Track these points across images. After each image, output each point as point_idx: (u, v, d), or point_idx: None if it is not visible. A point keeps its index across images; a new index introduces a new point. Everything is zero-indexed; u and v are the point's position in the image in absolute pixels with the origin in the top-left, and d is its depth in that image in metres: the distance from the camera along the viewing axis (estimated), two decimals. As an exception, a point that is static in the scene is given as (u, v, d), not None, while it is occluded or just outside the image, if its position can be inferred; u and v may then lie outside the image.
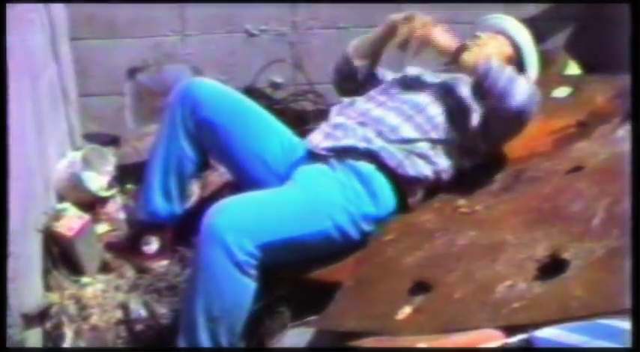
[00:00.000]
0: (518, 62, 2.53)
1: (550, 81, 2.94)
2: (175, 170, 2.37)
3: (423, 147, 2.27)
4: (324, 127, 2.36)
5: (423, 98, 2.36)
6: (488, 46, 2.47)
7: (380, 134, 2.26)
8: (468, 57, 2.33)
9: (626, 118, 2.34)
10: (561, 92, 2.80)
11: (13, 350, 1.97)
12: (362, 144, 2.22)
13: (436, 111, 2.33)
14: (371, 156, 2.20)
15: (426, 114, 2.32)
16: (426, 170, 2.25)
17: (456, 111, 2.34)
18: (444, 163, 2.30)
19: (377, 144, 2.22)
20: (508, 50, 2.53)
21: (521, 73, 2.46)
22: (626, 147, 2.06)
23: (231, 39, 3.20)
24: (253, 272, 1.97)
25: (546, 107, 2.74)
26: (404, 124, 2.29)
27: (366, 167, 2.19)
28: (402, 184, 2.22)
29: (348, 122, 2.31)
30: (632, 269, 1.41)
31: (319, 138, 2.30)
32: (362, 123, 2.29)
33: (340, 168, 2.20)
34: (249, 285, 1.99)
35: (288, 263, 2.08)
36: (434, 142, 2.29)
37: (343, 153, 2.22)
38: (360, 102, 2.41)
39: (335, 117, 2.39)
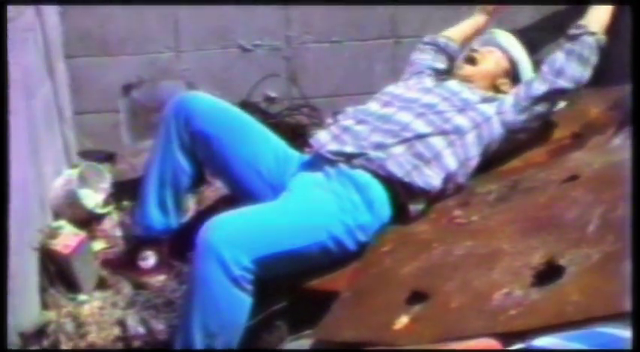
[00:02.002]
0: (514, 76, 2.57)
1: None
2: (171, 183, 2.38)
3: (438, 144, 2.28)
4: (333, 129, 2.36)
5: (434, 98, 2.40)
6: (486, 60, 2.52)
7: (392, 134, 2.26)
8: (463, 70, 2.48)
9: (620, 128, 2.36)
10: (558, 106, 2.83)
11: (13, 350, 1.96)
12: (370, 151, 2.22)
13: (447, 108, 2.36)
14: (377, 164, 2.20)
15: (437, 110, 2.35)
16: (434, 180, 2.25)
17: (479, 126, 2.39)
18: (454, 165, 2.30)
19: (387, 152, 2.22)
20: (504, 64, 2.59)
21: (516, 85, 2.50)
22: (621, 156, 2.07)
23: (225, 54, 3.21)
24: (249, 287, 1.97)
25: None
26: (416, 121, 2.30)
27: (364, 177, 2.19)
28: (406, 194, 2.22)
29: (358, 127, 2.31)
30: (632, 273, 1.41)
31: (327, 139, 2.30)
32: (374, 129, 2.30)
33: (336, 178, 2.20)
34: (246, 300, 1.98)
35: (284, 275, 2.07)
36: (447, 134, 2.30)
37: (348, 158, 2.22)
38: (373, 105, 2.42)
39: (345, 119, 2.39)
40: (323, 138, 2.31)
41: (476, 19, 2.84)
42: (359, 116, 2.37)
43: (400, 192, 2.21)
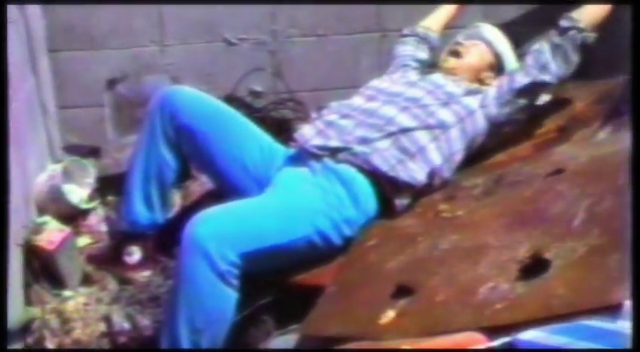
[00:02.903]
0: (498, 69, 2.57)
1: None
2: (156, 178, 2.37)
3: (422, 138, 2.27)
4: (317, 123, 2.35)
5: (418, 92, 2.39)
6: (470, 53, 2.53)
7: (376, 128, 2.25)
8: (447, 63, 2.52)
9: (606, 122, 2.36)
10: (541, 98, 2.83)
11: (13, 349, 1.95)
12: (355, 146, 2.22)
13: (431, 101, 2.36)
14: (362, 158, 2.20)
15: (421, 104, 2.34)
16: (419, 174, 2.24)
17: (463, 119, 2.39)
18: (439, 160, 2.29)
19: (371, 146, 2.22)
20: (489, 57, 2.59)
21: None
22: (606, 149, 2.08)
23: (210, 48, 3.19)
24: (236, 282, 1.97)
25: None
26: (400, 114, 2.29)
27: (349, 171, 2.19)
28: (391, 188, 2.21)
29: (343, 121, 2.31)
30: (632, 267, 1.41)
31: (311, 134, 2.29)
32: (358, 123, 2.29)
33: (321, 172, 2.19)
34: (232, 295, 1.98)
35: (270, 270, 2.07)
36: (432, 128, 2.30)
37: (333, 153, 2.22)
38: (357, 100, 2.42)
39: (330, 114, 2.38)
40: (307, 133, 2.31)
41: (449, 6, 2.86)
42: (343, 110, 2.36)
43: (385, 186, 2.21)
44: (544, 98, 2.64)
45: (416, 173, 2.24)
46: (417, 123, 2.29)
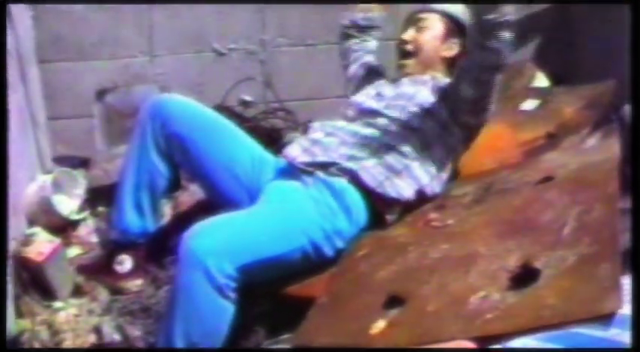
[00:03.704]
0: (458, 30, 2.49)
1: (518, 93, 2.97)
2: (147, 186, 2.36)
3: (406, 156, 2.26)
4: (302, 141, 2.35)
5: (393, 112, 2.36)
6: (419, 42, 2.49)
7: (360, 148, 2.25)
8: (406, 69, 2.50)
9: (595, 128, 2.37)
10: (529, 104, 2.83)
11: (13, 349, 1.94)
12: (343, 162, 2.22)
13: (407, 117, 2.33)
14: (350, 174, 2.20)
15: (400, 122, 2.32)
16: (407, 191, 2.24)
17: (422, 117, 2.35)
18: (426, 178, 2.29)
19: (358, 163, 2.22)
20: (441, 27, 2.50)
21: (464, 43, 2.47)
22: (596, 157, 2.09)
23: (200, 58, 3.20)
24: (233, 295, 1.96)
25: (514, 119, 2.77)
26: (383, 136, 2.29)
27: (340, 183, 2.19)
28: (380, 204, 2.22)
29: (327, 139, 2.31)
30: (632, 271, 1.42)
31: (297, 152, 2.29)
32: (342, 141, 2.29)
33: (313, 184, 2.19)
34: (229, 308, 1.97)
35: (264, 281, 2.07)
36: (414, 146, 2.29)
37: (321, 168, 2.22)
38: (339, 122, 2.41)
39: (314, 132, 2.38)
40: (294, 152, 2.30)
41: None
42: (327, 129, 2.36)
43: (375, 201, 2.21)
44: (533, 103, 2.63)
45: (403, 190, 2.23)
46: (398, 141, 2.28)
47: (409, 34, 2.48)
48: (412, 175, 2.26)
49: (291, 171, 2.26)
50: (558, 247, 1.67)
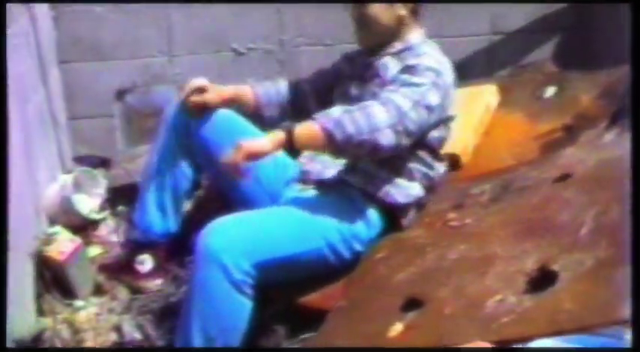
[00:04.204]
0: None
1: (533, 80, 2.96)
2: (170, 187, 2.38)
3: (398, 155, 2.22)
4: (301, 159, 2.37)
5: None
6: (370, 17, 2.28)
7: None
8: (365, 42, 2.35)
9: (612, 122, 2.35)
10: (547, 92, 2.82)
11: (13, 349, 1.96)
12: (347, 177, 2.22)
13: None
14: (358, 188, 2.20)
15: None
16: (415, 190, 2.24)
17: None
18: (425, 170, 2.27)
19: (358, 176, 2.21)
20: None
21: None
22: (614, 153, 2.07)
23: (219, 58, 3.21)
24: (250, 291, 1.97)
25: (531, 109, 2.77)
26: None
27: (354, 192, 2.20)
28: (393, 210, 2.22)
29: (324, 157, 2.29)
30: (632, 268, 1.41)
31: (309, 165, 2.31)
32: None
33: (331, 189, 2.20)
34: (246, 304, 1.98)
35: (282, 283, 2.08)
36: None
37: (330, 185, 2.23)
38: None
39: None
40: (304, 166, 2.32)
41: None
42: None
43: (387, 207, 2.22)
44: (550, 90, 2.61)
45: (412, 190, 2.24)
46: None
47: (355, 11, 2.31)
48: (411, 173, 2.25)
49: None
50: (576, 249, 1.66)
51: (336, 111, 2.07)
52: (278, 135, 2.05)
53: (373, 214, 2.19)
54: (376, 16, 2.27)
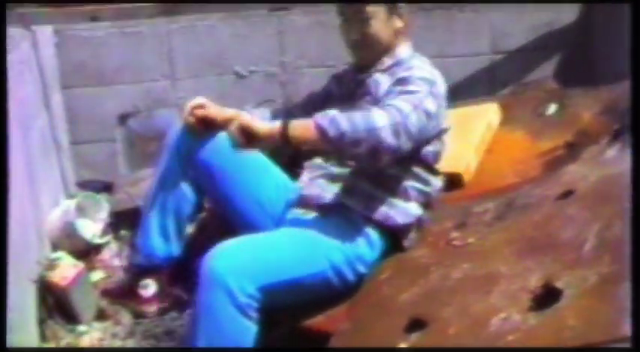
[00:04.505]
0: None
1: (535, 97, 2.96)
2: (173, 211, 2.37)
3: (393, 174, 2.23)
4: (304, 178, 2.35)
5: None
6: (373, 16, 2.27)
7: (351, 181, 2.23)
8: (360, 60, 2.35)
9: (614, 138, 2.35)
10: (549, 109, 2.83)
11: (13, 349, 1.95)
12: (346, 200, 2.21)
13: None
14: (359, 211, 2.19)
15: None
16: (413, 209, 2.24)
17: None
18: (422, 186, 2.27)
19: (359, 198, 2.20)
20: (382, 8, 2.29)
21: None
22: (616, 169, 2.06)
23: (221, 81, 3.23)
24: (254, 314, 1.96)
25: (532, 127, 2.76)
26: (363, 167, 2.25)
27: (354, 214, 2.19)
28: (393, 231, 2.22)
29: (319, 180, 2.30)
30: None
31: (305, 192, 2.30)
32: (332, 179, 2.28)
33: (333, 211, 2.20)
34: (251, 328, 1.97)
35: (287, 306, 2.07)
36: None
37: (330, 208, 2.22)
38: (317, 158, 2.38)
39: (307, 172, 2.37)
40: (302, 190, 2.31)
41: None
42: (314, 171, 2.34)
43: (387, 230, 2.21)
44: (552, 108, 2.61)
45: (410, 210, 2.23)
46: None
47: (356, 33, 2.28)
48: (407, 193, 2.24)
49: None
50: (579, 266, 1.65)
51: (335, 111, 2.06)
52: (274, 124, 2.04)
53: (374, 236, 2.18)
54: (377, 34, 2.27)
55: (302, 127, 2.02)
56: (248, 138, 2.02)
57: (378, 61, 2.32)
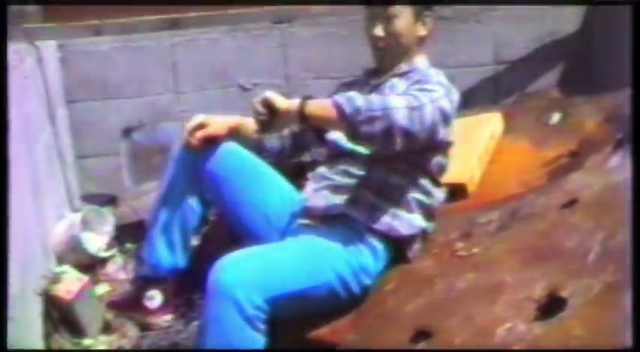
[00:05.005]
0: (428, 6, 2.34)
1: (538, 106, 2.96)
2: (179, 223, 2.37)
3: (395, 183, 2.22)
4: (308, 190, 2.35)
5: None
6: (398, 15, 2.28)
7: (355, 191, 2.23)
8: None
9: (618, 146, 2.35)
10: (553, 118, 2.83)
11: (13, 350, 1.95)
12: (349, 211, 2.20)
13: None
14: (362, 222, 2.19)
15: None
16: (417, 221, 2.24)
17: None
18: (423, 198, 2.26)
19: (363, 209, 2.20)
20: (409, 9, 2.30)
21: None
22: (619, 177, 2.06)
23: (225, 94, 3.23)
24: (263, 326, 1.95)
25: (537, 135, 2.77)
26: (369, 170, 2.25)
27: (359, 225, 2.19)
28: (397, 242, 2.21)
29: (324, 191, 2.29)
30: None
31: (309, 203, 2.30)
32: (335, 189, 2.27)
33: (337, 223, 2.20)
34: (259, 340, 1.96)
35: (293, 317, 2.06)
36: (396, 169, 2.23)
37: (335, 219, 2.22)
38: (321, 167, 2.38)
39: (312, 184, 2.36)
40: (307, 201, 2.31)
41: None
42: (317, 179, 2.35)
43: (392, 240, 2.21)
44: (556, 117, 2.61)
45: (414, 221, 2.23)
46: (383, 175, 2.23)
47: (380, 29, 2.29)
48: (409, 204, 2.23)
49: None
50: (584, 275, 1.65)
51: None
52: (293, 101, 2.05)
53: (379, 246, 2.18)
54: (401, 34, 2.29)
55: (319, 105, 2.04)
56: (270, 113, 2.04)
57: (396, 65, 2.33)
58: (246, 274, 1.94)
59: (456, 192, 2.52)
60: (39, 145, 2.58)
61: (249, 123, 2.34)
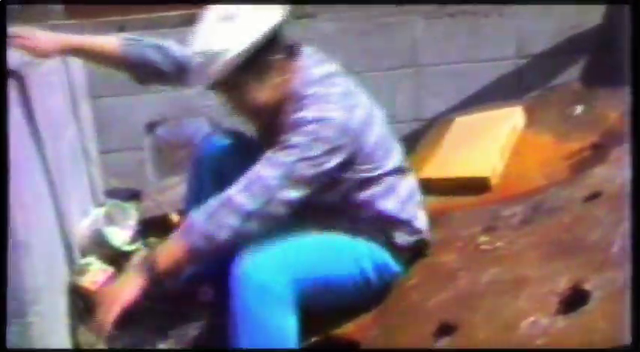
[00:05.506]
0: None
1: (561, 99, 2.95)
2: None
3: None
4: None
5: None
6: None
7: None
8: None
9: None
10: (576, 110, 2.82)
11: (13, 350, 1.97)
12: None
13: None
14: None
15: None
16: (421, 222, 2.22)
17: None
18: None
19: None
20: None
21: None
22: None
23: (248, 88, 3.23)
24: (292, 305, 1.93)
25: (559, 129, 2.75)
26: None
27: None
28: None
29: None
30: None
31: None
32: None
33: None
34: (291, 319, 1.93)
35: (318, 309, 2.05)
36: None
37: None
38: None
39: None
40: None
41: None
42: None
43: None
44: (579, 109, 2.60)
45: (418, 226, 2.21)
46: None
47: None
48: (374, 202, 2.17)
49: None
50: (607, 268, 1.64)
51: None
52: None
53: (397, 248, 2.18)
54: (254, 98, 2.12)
55: (166, 253, 1.97)
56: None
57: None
58: (270, 258, 1.93)
59: (478, 185, 2.51)
60: (64, 141, 2.60)
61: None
